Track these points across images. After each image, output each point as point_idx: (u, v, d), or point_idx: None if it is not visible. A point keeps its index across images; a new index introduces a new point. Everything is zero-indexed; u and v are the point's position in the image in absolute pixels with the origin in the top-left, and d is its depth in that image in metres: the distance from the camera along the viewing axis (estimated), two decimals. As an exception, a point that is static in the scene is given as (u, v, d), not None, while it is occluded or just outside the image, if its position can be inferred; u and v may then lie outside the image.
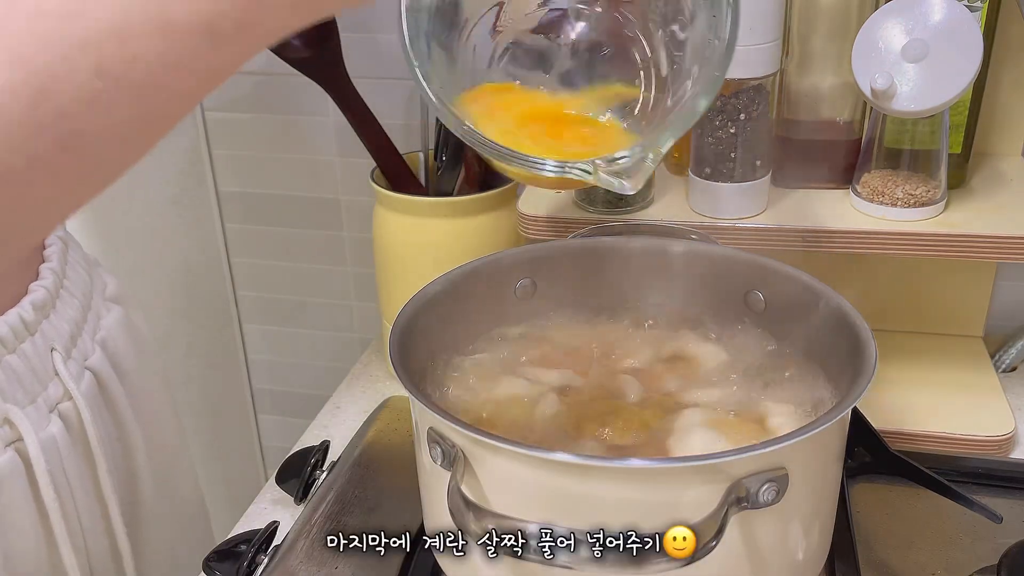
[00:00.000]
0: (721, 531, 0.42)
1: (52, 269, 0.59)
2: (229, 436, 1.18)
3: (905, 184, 0.70)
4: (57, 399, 0.57)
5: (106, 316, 0.65)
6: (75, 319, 0.60)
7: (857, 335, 0.53)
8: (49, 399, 0.56)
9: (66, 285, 0.60)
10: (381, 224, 0.82)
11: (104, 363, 0.62)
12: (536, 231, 0.74)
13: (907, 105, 0.67)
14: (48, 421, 0.56)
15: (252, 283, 1.11)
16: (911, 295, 0.84)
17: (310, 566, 0.59)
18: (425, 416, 0.49)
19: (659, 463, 0.47)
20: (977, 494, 0.57)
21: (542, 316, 0.65)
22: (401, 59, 0.42)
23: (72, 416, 0.58)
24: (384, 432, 0.73)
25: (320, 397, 0.86)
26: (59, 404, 0.57)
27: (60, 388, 0.57)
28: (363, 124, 0.81)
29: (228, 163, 1.04)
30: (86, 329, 0.61)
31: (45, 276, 0.58)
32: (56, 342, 0.57)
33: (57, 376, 0.57)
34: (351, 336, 1.10)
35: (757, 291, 0.62)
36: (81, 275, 0.63)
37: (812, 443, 0.46)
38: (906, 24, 0.67)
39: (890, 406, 0.74)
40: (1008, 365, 0.83)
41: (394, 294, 0.84)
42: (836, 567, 0.58)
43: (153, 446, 0.68)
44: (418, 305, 0.58)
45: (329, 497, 0.66)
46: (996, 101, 0.78)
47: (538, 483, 0.46)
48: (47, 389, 0.56)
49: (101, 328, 0.63)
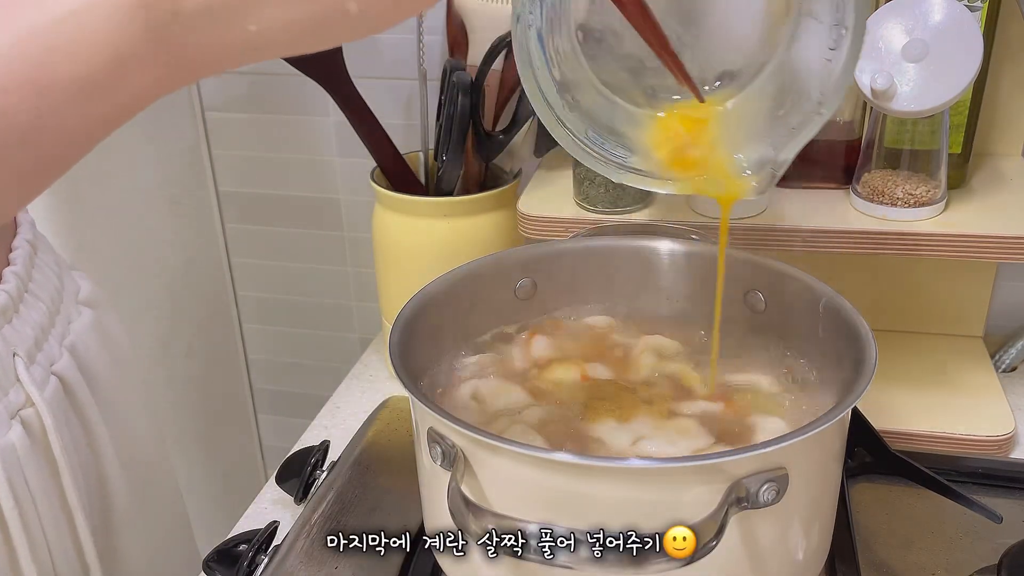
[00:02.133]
0: (721, 531, 0.42)
1: (15, 273, 0.57)
2: (229, 436, 1.18)
3: (905, 184, 0.70)
4: (19, 405, 0.55)
5: (76, 320, 0.63)
6: (41, 323, 0.58)
7: (857, 335, 0.53)
8: (10, 405, 0.55)
9: (31, 289, 0.59)
10: (381, 224, 0.82)
11: (72, 368, 0.60)
12: (536, 231, 0.74)
13: (907, 105, 0.67)
14: (8, 428, 0.54)
15: (252, 283, 1.11)
16: (911, 295, 0.84)
17: (310, 566, 0.59)
18: (425, 416, 0.49)
19: (659, 463, 0.46)
20: (977, 494, 0.57)
21: (542, 316, 0.65)
22: (401, 59, 0.43)
23: (35, 423, 0.56)
24: (384, 432, 0.73)
25: (320, 397, 0.86)
26: (20, 411, 0.55)
27: (22, 394, 0.55)
28: (363, 124, 0.81)
29: (228, 163, 1.04)
30: (53, 334, 0.60)
31: (8, 280, 0.57)
32: (19, 347, 0.56)
33: (19, 382, 0.55)
34: (351, 336, 1.10)
35: (757, 291, 0.62)
36: (50, 278, 0.61)
37: (812, 443, 0.46)
38: (906, 24, 0.67)
39: (890, 406, 0.74)
40: (1008, 365, 0.83)
41: (394, 294, 0.84)
42: (836, 567, 0.58)
43: (127, 455, 0.66)
44: (418, 305, 0.58)
45: (329, 497, 0.66)
46: (996, 101, 0.78)
47: (538, 483, 0.46)
48: (8, 395, 0.54)
49: (70, 332, 0.62)
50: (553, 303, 0.65)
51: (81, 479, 0.60)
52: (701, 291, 0.64)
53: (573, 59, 0.48)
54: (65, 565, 0.59)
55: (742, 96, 0.48)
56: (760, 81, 0.47)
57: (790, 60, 0.46)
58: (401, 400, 0.77)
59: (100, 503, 0.63)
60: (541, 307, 0.65)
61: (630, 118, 0.49)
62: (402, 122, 0.92)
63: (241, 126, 1.01)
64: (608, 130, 0.49)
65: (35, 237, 0.62)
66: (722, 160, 0.49)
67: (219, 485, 1.14)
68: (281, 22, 0.32)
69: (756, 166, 0.48)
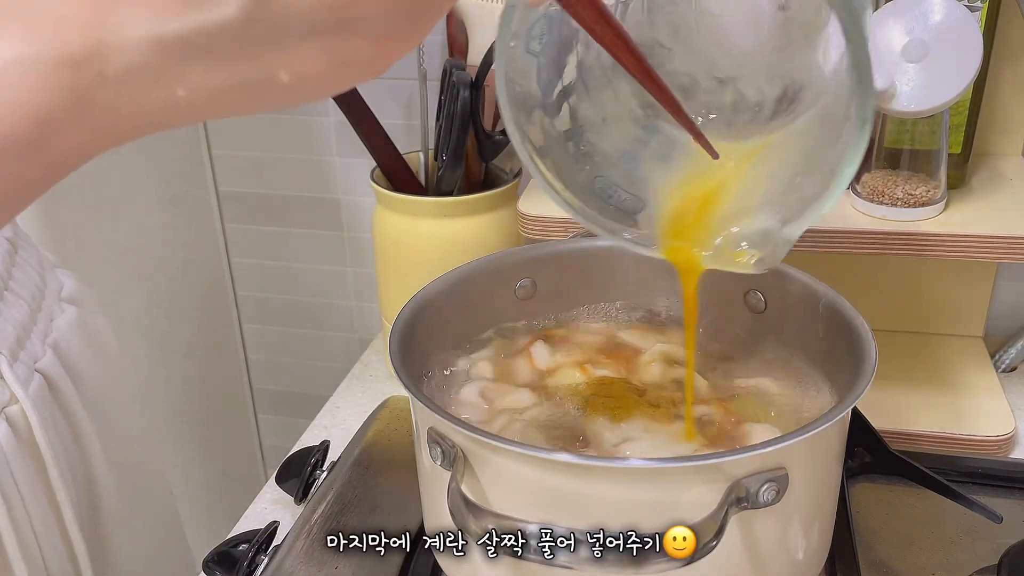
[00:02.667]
0: (721, 531, 0.42)
1: None
2: (229, 436, 1.18)
3: (905, 184, 0.70)
4: (3, 403, 0.56)
5: (59, 317, 0.63)
6: (22, 321, 0.59)
7: (857, 335, 0.53)
8: None
9: (12, 287, 0.59)
10: (381, 224, 0.82)
11: (56, 365, 0.61)
12: (536, 231, 0.74)
13: (907, 105, 0.67)
14: None
15: (252, 283, 1.11)
16: (911, 295, 0.84)
17: (310, 566, 0.59)
18: (425, 416, 0.49)
19: (659, 463, 0.46)
20: (977, 494, 0.57)
21: (542, 316, 0.65)
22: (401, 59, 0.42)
23: (19, 420, 0.56)
24: (384, 432, 0.73)
25: (320, 397, 0.86)
26: (5, 408, 0.56)
27: (6, 392, 0.56)
28: (363, 124, 0.81)
29: (228, 163, 1.04)
30: (35, 331, 0.60)
31: None
32: (1, 345, 0.56)
33: (3, 379, 0.56)
34: (351, 336, 1.10)
35: (757, 291, 0.62)
36: (31, 276, 0.61)
37: (812, 443, 0.46)
38: (906, 24, 0.67)
39: (890, 406, 0.74)
40: (1008, 365, 0.83)
41: (394, 294, 0.83)
42: (836, 567, 0.58)
43: (115, 452, 0.66)
44: (418, 305, 0.58)
45: (329, 497, 0.66)
46: (996, 101, 0.78)
47: (538, 483, 0.46)
48: None
49: (53, 330, 0.62)
50: (553, 303, 0.65)
51: (69, 476, 0.60)
52: (701, 291, 0.64)
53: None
54: (56, 562, 0.59)
55: (788, 132, 0.46)
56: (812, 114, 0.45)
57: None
58: (401, 400, 0.77)
59: (89, 500, 0.64)
60: (541, 307, 0.65)
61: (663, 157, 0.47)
62: (402, 122, 0.92)
63: (241, 126, 1.01)
64: (627, 176, 0.47)
65: (15, 235, 0.62)
66: (715, 234, 0.47)
67: (219, 485, 1.14)
68: (209, 88, 0.31)
69: (760, 239, 0.45)
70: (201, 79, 0.30)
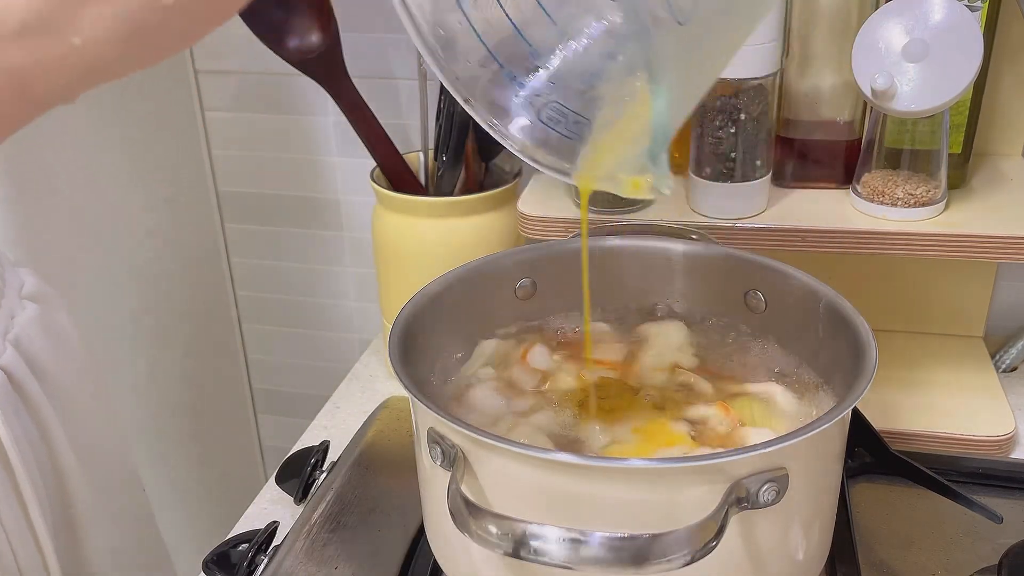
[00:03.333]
0: (721, 531, 0.42)
1: None
2: (229, 436, 1.18)
3: (905, 184, 0.70)
4: None
5: (20, 314, 0.63)
6: None
7: (857, 335, 0.53)
8: None
9: None
10: (381, 224, 0.82)
11: (17, 362, 0.61)
12: (536, 231, 0.74)
13: (907, 105, 0.67)
14: None
15: (252, 283, 1.11)
16: (911, 295, 0.84)
17: (310, 566, 0.59)
18: (425, 416, 0.49)
19: (659, 463, 0.46)
20: (977, 494, 0.57)
21: (542, 316, 0.65)
22: (401, 59, 0.42)
23: None
24: (384, 432, 0.73)
25: (320, 397, 0.86)
26: None
27: None
28: (363, 124, 0.81)
29: (228, 163, 1.04)
30: None
31: None
32: None
33: None
34: (351, 336, 1.10)
35: (757, 291, 0.62)
36: None
37: (812, 443, 0.46)
38: (906, 24, 0.67)
39: (890, 406, 0.74)
40: (1008, 365, 0.83)
41: (394, 294, 0.84)
42: (836, 567, 0.58)
43: (84, 448, 0.66)
44: (418, 305, 0.58)
45: (329, 497, 0.66)
46: (996, 101, 0.78)
47: (538, 483, 0.46)
48: None
49: (14, 326, 0.62)
50: (553, 303, 0.65)
51: (36, 472, 0.60)
52: (702, 290, 0.64)
53: None
54: (26, 557, 0.59)
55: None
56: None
57: None
58: (401, 400, 0.77)
59: (60, 496, 0.64)
60: (541, 307, 0.65)
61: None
62: (402, 122, 0.92)
63: (241, 126, 1.01)
64: (580, 95, 0.46)
65: None
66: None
67: (219, 485, 1.14)
68: (100, 28, 0.31)
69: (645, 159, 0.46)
70: (89, 18, 0.31)
